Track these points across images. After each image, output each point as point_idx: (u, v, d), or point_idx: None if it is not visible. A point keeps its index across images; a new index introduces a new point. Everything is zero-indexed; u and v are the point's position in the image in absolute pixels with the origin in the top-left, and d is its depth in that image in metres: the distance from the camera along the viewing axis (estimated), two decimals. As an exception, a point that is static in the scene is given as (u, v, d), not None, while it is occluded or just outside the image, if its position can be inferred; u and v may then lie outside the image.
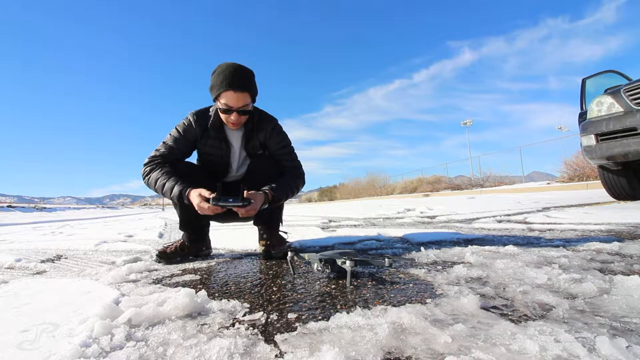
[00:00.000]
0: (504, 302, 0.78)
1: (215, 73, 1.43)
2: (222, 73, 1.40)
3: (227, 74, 1.39)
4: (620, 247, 1.33)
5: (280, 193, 1.46)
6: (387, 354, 0.56)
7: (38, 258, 1.84)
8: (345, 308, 0.80)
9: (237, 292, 1.00)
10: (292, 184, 1.55)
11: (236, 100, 1.41)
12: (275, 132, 1.60)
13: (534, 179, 17.57)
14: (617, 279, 0.87)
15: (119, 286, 1.12)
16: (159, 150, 1.52)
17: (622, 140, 3.04)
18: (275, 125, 1.61)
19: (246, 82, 1.43)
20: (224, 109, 1.44)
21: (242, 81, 1.41)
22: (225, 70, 1.40)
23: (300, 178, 1.61)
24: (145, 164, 1.51)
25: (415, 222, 3.13)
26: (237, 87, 1.39)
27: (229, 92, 1.39)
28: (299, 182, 1.59)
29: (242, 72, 1.42)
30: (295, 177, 1.58)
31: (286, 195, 1.50)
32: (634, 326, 0.62)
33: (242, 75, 1.42)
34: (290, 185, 1.54)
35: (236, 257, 1.63)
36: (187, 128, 1.55)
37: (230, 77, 1.39)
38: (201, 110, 1.59)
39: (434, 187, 21.06)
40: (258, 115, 1.59)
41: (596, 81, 4.21)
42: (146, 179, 1.48)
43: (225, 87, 1.39)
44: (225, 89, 1.39)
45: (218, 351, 0.59)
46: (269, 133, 1.59)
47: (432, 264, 1.22)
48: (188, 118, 1.57)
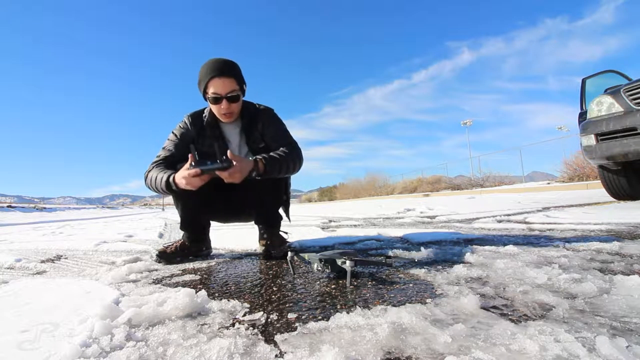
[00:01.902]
0: (504, 302, 0.78)
1: (201, 68, 1.48)
2: (206, 65, 1.46)
3: (211, 64, 1.45)
4: (620, 247, 1.33)
5: (273, 164, 1.39)
6: (387, 354, 0.56)
7: (38, 258, 1.84)
8: (345, 308, 0.80)
9: (237, 292, 1.00)
10: (287, 157, 1.46)
11: (222, 85, 1.44)
12: (271, 119, 1.62)
13: (534, 179, 17.57)
14: (617, 279, 0.87)
15: (119, 286, 1.12)
16: (159, 156, 1.55)
17: (622, 140, 3.04)
18: (271, 113, 1.63)
19: (230, 69, 1.46)
20: (213, 98, 1.46)
21: (226, 67, 1.45)
22: (209, 62, 1.46)
23: (295, 153, 1.51)
24: (147, 170, 1.54)
25: (415, 222, 3.13)
26: (221, 72, 1.43)
27: (214, 79, 1.43)
28: (295, 157, 1.50)
29: (225, 61, 1.47)
30: (289, 153, 1.49)
31: (279, 168, 1.42)
32: (634, 326, 0.62)
33: (225, 63, 1.46)
34: (286, 159, 1.45)
35: (236, 257, 1.63)
36: (184, 131, 1.59)
37: (214, 65, 1.44)
38: (196, 112, 1.63)
39: (434, 187, 21.06)
40: (254, 109, 1.61)
41: (596, 81, 4.20)
42: (146, 182, 1.51)
43: (210, 75, 1.43)
44: (210, 77, 1.43)
45: (218, 351, 0.59)
46: (266, 122, 1.60)
47: (432, 264, 1.22)
48: (184, 120, 1.61)
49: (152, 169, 1.50)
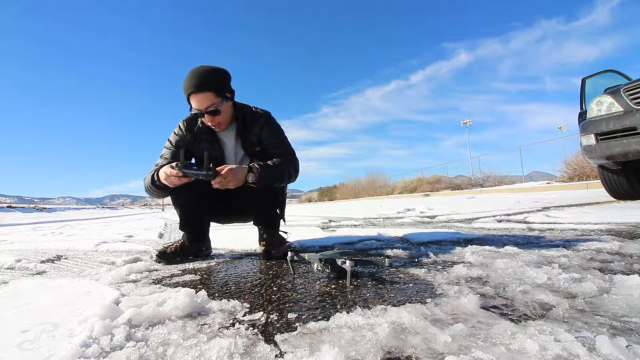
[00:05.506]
0: (504, 302, 0.78)
1: (184, 80, 1.45)
2: (186, 79, 1.43)
3: (189, 79, 1.42)
4: (620, 246, 1.33)
5: (267, 173, 1.39)
6: (387, 354, 0.56)
7: (38, 258, 1.84)
8: (345, 308, 0.80)
9: (237, 292, 1.00)
10: (282, 167, 1.46)
11: (200, 101, 1.42)
12: (268, 124, 1.61)
13: (534, 179, 17.57)
14: (617, 279, 0.87)
15: (119, 286, 1.12)
16: (157, 165, 1.56)
17: (622, 139, 3.04)
18: (267, 117, 1.62)
19: (205, 82, 1.41)
20: (195, 113, 1.47)
21: (201, 82, 1.40)
22: (188, 76, 1.43)
23: (292, 163, 1.53)
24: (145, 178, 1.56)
25: (415, 222, 3.13)
26: (196, 88, 1.40)
27: (192, 95, 1.42)
28: (290, 167, 1.51)
29: (200, 73, 1.41)
30: (286, 162, 1.50)
31: (274, 177, 1.43)
32: (634, 325, 0.62)
33: (200, 76, 1.41)
34: (281, 169, 1.45)
35: (236, 257, 1.63)
36: (179, 138, 1.61)
37: (190, 80, 1.41)
38: (190, 116, 1.62)
39: (433, 187, 21.06)
40: (250, 112, 1.60)
41: (596, 81, 4.20)
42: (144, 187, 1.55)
43: (188, 91, 1.42)
44: (189, 93, 1.42)
45: (218, 351, 0.59)
46: (262, 126, 1.59)
47: (432, 264, 1.22)
48: (179, 126, 1.63)
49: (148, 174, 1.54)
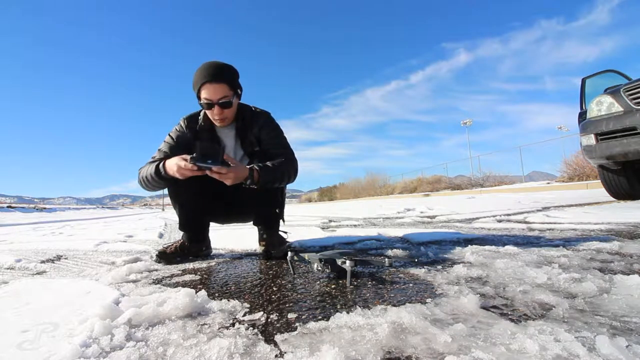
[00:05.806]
0: (504, 302, 0.78)
1: (195, 72, 1.47)
2: (199, 69, 1.45)
3: (203, 69, 1.44)
4: (620, 246, 1.33)
5: (267, 175, 1.39)
6: (387, 354, 0.56)
7: (38, 258, 1.84)
8: (345, 308, 0.80)
9: (237, 292, 1.00)
10: (282, 168, 1.45)
11: (214, 91, 1.43)
12: (268, 124, 1.61)
13: (534, 179, 17.57)
14: (617, 279, 0.87)
15: (119, 286, 1.12)
16: (154, 157, 1.56)
17: (622, 139, 3.04)
18: (267, 117, 1.63)
19: (221, 73, 1.44)
20: (205, 103, 1.47)
21: (217, 72, 1.44)
22: (202, 67, 1.45)
23: (291, 164, 1.52)
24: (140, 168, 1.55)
25: (415, 222, 3.13)
26: (213, 78, 1.42)
27: (206, 84, 1.43)
28: (289, 169, 1.50)
29: (218, 65, 1.45)
30: (285, 163, 1.49)
31: (273, 179, 1.42)
32: (634, 325, 0.62)
33: (216, 67, 1.45)
34: (280, 170, 1.45)
35: (236, 257, 1.63)
36: (180, 134, 1.60)
37: (206, 70, 1.43)
38: (192, 114, 1.64)
39: (433, 187, 21.06)
40: (249, 112, 1.61)
41: (596, 81, 4.21)
42: (138, 178, 1.53)
43: (202, 80, 1.43)
44: (202, 82, 1.43)
45: (218, 351, 0.59)
46: (262, 126, 1.59)
47: (432, 264, 1.22)
48: (180, 123, 1.63)
49: (144, 166, 1.53)
